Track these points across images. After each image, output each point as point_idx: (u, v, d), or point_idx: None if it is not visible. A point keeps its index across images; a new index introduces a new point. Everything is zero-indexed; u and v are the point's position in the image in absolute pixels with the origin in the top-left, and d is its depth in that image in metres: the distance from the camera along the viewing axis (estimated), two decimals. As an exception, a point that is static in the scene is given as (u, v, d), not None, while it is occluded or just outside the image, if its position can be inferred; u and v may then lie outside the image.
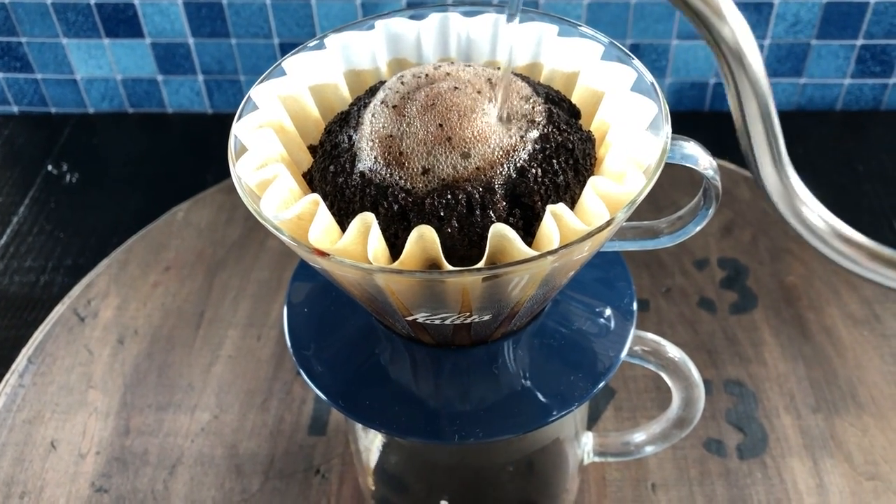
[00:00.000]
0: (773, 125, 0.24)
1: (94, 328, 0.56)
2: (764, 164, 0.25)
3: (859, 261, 0.26)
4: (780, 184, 0.25)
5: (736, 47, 0.23)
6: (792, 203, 0.25)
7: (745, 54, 0.23)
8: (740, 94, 0.24)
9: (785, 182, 0.25)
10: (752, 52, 0.23)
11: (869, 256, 0.25)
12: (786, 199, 0.25)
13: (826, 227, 0.26)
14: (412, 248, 0.25)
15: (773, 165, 0.25)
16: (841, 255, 0.26)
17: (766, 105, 0.24)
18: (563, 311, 0.35)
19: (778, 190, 0.25)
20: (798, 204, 0.25)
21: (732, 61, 0.23)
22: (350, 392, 0.33)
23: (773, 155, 0.25)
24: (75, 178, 0.70)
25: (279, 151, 0.29)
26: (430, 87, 0.28)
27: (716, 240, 0.60)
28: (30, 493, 0.47)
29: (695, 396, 0.38)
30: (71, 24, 0.70)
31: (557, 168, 0.27)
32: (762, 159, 0.25)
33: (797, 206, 0.25)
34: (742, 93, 0.24)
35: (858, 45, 0.68)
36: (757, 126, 0.24)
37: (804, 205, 0.25)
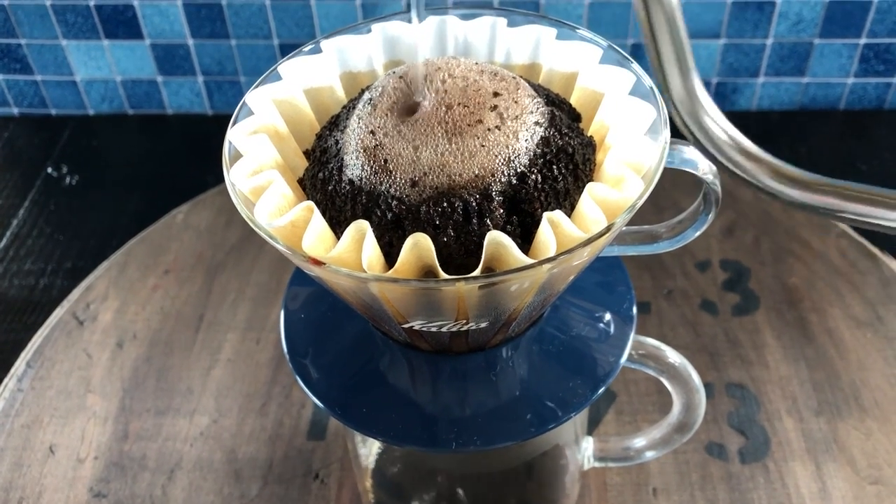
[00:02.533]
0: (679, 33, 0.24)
1: (93, 332, 0.56)
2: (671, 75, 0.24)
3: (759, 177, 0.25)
4: (685, 93, 0.24)
5: None
6: (696, 113, 0.25)
7: None
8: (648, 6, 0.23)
9: (690, 92, 0.24)
10: None
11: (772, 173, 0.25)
12: (690, 109, 0.25)
13: (728, 139, 0.25)
14: (407, 256, 0.24)
15: (680, 75, 0.24)
16: (743, 169, 0.25)
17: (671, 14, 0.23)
18: (561, 316, 0.34)
19: (683, 100, 0.25)
20: (702, 115, 0.25)
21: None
22: (347, 399, 0.33)
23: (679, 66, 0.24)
24: (75, 180, 0.69)
25: (273, 157, 0.28)
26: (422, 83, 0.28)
27: (718, 241, 0.59)
28: (28, 499, 0.47)
29: (695, 402, 0.38)
30: (70, 26, 0.70)
31: (557, 174, 0.27)
32: (669, 71, 0.24)
33: (701, 117, 0.25)
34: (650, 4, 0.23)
35: (861, 44, 0.68)
36: (664, 36, 0.24)
37: (708, 116, 0.25)
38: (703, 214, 0.32)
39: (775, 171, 0.25)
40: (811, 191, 0.24)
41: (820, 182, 0.24)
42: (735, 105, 0.72)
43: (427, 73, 0.28)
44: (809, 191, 0.24)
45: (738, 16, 0.66)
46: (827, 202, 0.24)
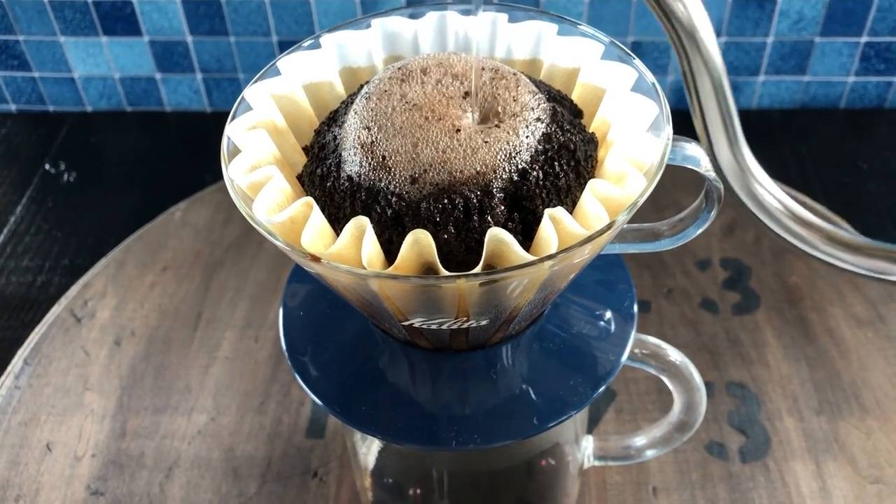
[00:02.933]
0: (728, 103, 0.23)
1: (90, 329, 0.56)
2: (719, 144, 0.24)
3: (814, 243, 0.25)
4: (736, 164, 0.24)
5: (689, 24, 0.22)
6: (747, 183, 0.25)
7: (697, 30, 0.22)
8: (694, 72, 0.23)
9: (740, 162, 0.24)
10: (705, 28, 0.22)
11: (824, 239, 0.25)
12: (741, 179, 0.25)
13: (781, 207, 0.25)
14: (407, 252, 0.24)
15: (728, 145, 0.24)
16: (796, 236, 0.25)
17: (719, 82, 0.23)
18: (562, 314, 0.34)
19: (733, 170, 0.24)
20: (753, 184, 0.25)
21: (685, 38, 0.22)
22: (346, 397, 0.33)
23: (727, 134, 0.24)
24: (73, 177, 0.69)
25: (272, 152, 0.28)
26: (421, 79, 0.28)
27: (718, 240, 0.59)
28: (25, 497, 0.47)
29: (696, 400, 0.38)
30: (68, 22, 0.69)
31: (559, 170, 0.26)
32: (717, 138, 0.24)
33: (752, 187, 0.25)
34: (695, 70, 0.23)
35: (863, 43, 0.68)
36: (711, 104, 0.23)
37: (759, 185, 0.25)
38: (704, 212, 0.32)
39: (829, 236, 0.25)
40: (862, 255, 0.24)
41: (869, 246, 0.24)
42: (735, 104, 0.72)
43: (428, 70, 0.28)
44: (860, 255, 0.24)
45: (738, 14, 0.66)
46: (877, 266, 0.24)
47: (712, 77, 0.23)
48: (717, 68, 0.23)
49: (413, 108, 0.27)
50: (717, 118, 0.24)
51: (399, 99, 0.28)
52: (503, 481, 0.41)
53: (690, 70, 0.23)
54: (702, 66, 0.23)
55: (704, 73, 0.23)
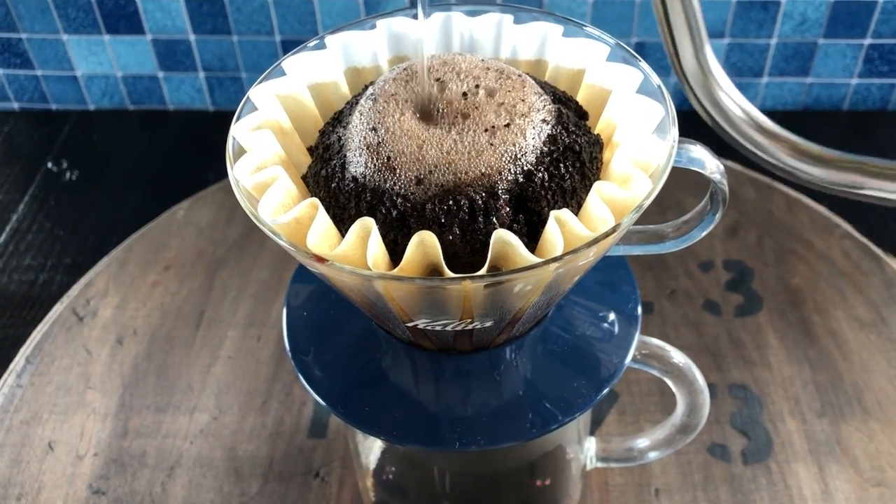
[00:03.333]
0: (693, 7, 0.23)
1: (92, 328, 0.56)
2: (683, 48, 0.23)
3: (779, 155, 0.24)
4: (699, 68, 0.24)
5: None
6: (710, 89, 0.24)
7: None
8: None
9: (704, 67, 0.24)
10: None
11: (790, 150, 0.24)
12: (704, 85, 0.24)
13: (744, 116, 0.24)
14: (412, 253, 0.24)
15: (693, 49, 0.24)
16: (759, 147, 0.25)
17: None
18: (566, 316, 0.34)
19: (696, 76, 0.24)
20: (717, 91, 0.24)
21: None
22: (349, 397, 0.33)
23: (692, 37, 0.23)
24: (75, 175, 0.69)
25: (277, 153, 0.28)
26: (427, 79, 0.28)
27: (721, 241, 0.59)
28: (27, 495, 0.47)
29: (700, 402, 0.38)
30: (71, 20, 0.69)
31: (564, 172, 0.26)
32: (681, 42, 0.23)
33: (716, 93, 0.24)
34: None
35: (866, 45, 0.68)
36: (675, 5, 0.23)
37: (723, 92, 0.24)
38: (709, 214, 0.32)
39: (795, 147, 0.24)
40: (832, 167, 0.23)
41: (840, 158, 0.23)
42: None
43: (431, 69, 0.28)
44: (830, 167, 0.23)
45: (742, 15, 0.66)
46: (848, 179, 0.24)
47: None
48: None
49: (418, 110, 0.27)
50: (682, 21, 0.23)
51: (404, 100, 0.28)
52: (506, 483, 0.41)
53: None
54: None
55: None
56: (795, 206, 0.62)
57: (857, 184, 0.23)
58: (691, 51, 0.23)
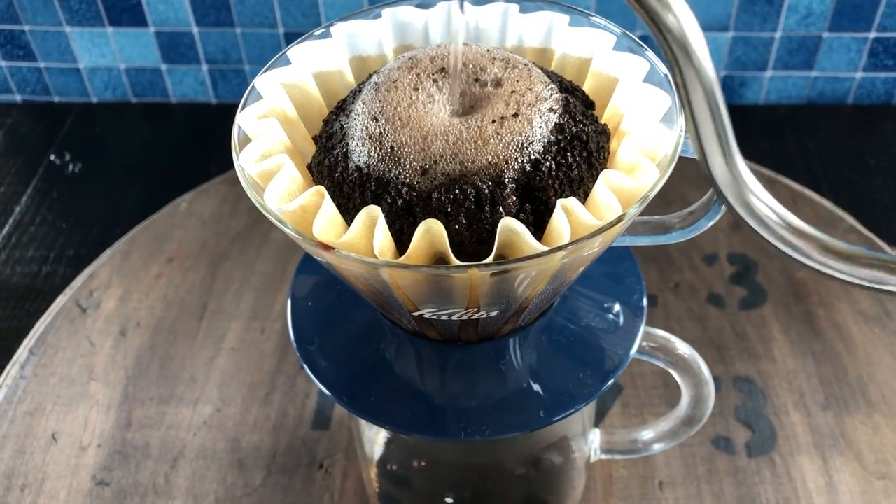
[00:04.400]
0: (721, 114, 0.23)
1: (95, 319, 0.56)
2: (713, 155, 0.24)
3: (810, 254, 0.25)
4: (730, 175, 0.24)
5: (681, 35, 0.22)
6: (742, 194, 0.25)
7: (689, 42, 0.22)
8: (686, 83, 0.23)
9: (734, 173, 0.24)
10: (697, 40, 0.22)
11: (820, 249, 0.25)
12: (735, 190, 0.25)
13: (776, 217, 0.25)
14: (419, 242, 0.24)
15: (723, 156, 0.24)
16: (791, 246, 0.25)
17: (711, 93, 0.23)
18: (571, 307, 0.34)
19: (727, 181, 0.24)
20: (748, 195, 0.25)
21: (677, 50, 0.22)
22: (354, 387, 0.33)
23: (721, 146, 0.24)
24: (78, 167, 0.69)
25: (282, 141, 0.28)
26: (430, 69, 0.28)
27: (725, 234, 0.59)
28: (30, 486, 0.47)
29: (704, 394, 0.38)
30: (74, 13, 0.69)
31: (572, 161, 0.26)
32: (710, 150, 0.24)
33: (747, 198, 0.25)
34: (688, 81, 0.23)
35: (871, 39, 0.67)
36: (704, 116, 0.23)
37: (754, 195, 0.25)
38: (715, 205, 0.31)
39: (823, 246, 0.24)
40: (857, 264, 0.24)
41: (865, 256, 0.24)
42: (742, 99, 0.72)
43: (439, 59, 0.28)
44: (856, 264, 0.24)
45: (746, 9, 0.66)
46: (873, 275, 0.24)
47: (705, 89, 0.23)
48: (709, 80, 0.23)
49: (422, 99, 0.27)
50: (711, 130, 0.24)
51: (408, 89, 0.27)
52: (510, 474, 0.41)
53: (683, 82, 0.23)
54: (694, 77, 0.23)
55: (697, 85, 0.23)
56: (800, 200, 0.61)
57: (882, 280, 0.24)
58: (722, 160, 0.24)
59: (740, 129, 0.25)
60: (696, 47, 0.22)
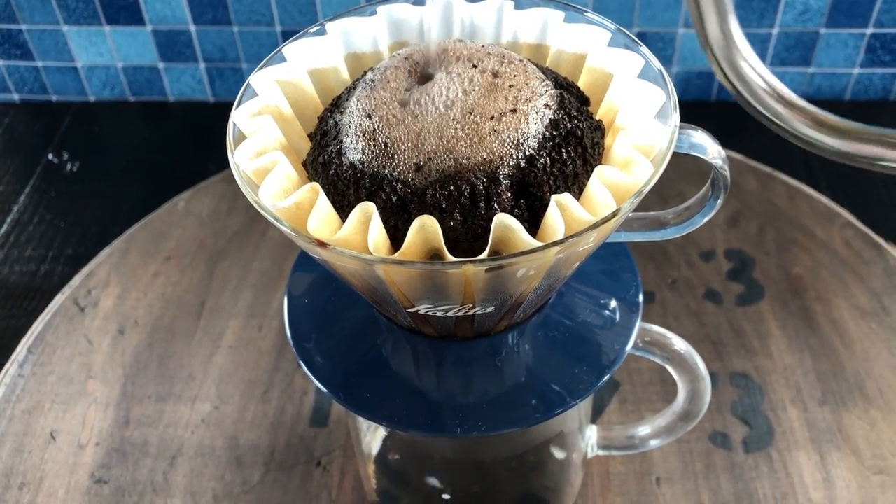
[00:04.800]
0: None
1: (94, 318, 0.56)
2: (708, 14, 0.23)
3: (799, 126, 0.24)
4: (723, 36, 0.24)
5: None
6: (732, 58, 0.24)
7: None
8: None
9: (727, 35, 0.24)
10: None
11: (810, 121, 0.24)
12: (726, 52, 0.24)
13: (765, 86, 0.24)
14: (414, 238, 0.24)
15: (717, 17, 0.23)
16: (779, 117, 0.24)
17: None
18: (567, 303, 0.34)
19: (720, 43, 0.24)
20: (738, 59, 0.24)
21: None
22: (351, 384, 0.33)
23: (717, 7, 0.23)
24: (76, 166, 0.69)
25: (277, 138, 0.28)
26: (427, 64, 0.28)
27: (722, 231, 0.59)
28: (29, 484, 0.47)
29: (701, 389, 0.38)
30: (71, 11, 0.69)
31: (567, 157, 0.26)
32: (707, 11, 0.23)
33: (737, 62, 0.24)
34: None
35: (868, 34, 0.67)
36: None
37: (745, 61, 0.24)
38: (711, 200, 0.32)
39: (815, 119, 0.23)
40: (852, 139, 0.23)
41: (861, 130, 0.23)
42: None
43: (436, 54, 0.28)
44: (850, 139, 0.23)
45: (743, 4, 0.66)
46: (869, 150, 0.23)
47: None
48: None
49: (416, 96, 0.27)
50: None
51: (402, 86, 0.27)
52: (507, 470, 0.42)
53: None
54: None
55: None
56: (797, 196, 0.62)
57: (878, 155, 0.23)
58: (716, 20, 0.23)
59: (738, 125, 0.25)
60: None
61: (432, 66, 0.28)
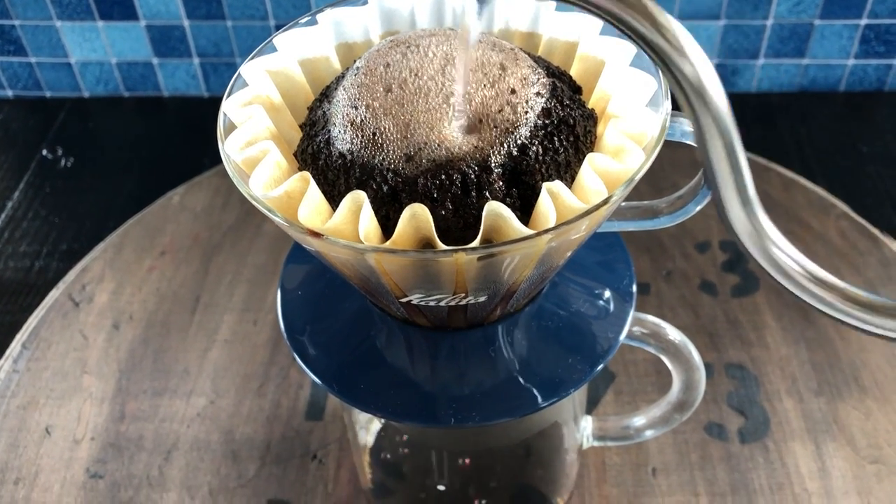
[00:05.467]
0: (739, 163, 0.23)
1: (88, 313, 0.55)
2: (731, 205, 0.23)
3: (834, 303, 0.25)
4: (750, 225, 0.24)
5: (698, 83, 0.22)
6: (763, 245, 0.24)
7: (706, 90, 0.22)
8: (704, 132, 0.22)
9: (754, 223, 0.24)
10: (714, 88, 0.22)
11: (843, 299, 0.25)
12: (756, 240, 0.24)
13: (799, 269, 0.25)
14: (405, 227, 0.24)
15: (741, 206, 0.24)
16: (815, 297, 0.25)
17: (730, 142, 0.23)
18: (561, 293, 0.34)
19: (747, 231, 0.24)
20: (769, 245, 0.24)
21: (694, 99, 0.22)
22: (345, 376, 0.33)
23: (740, 195, 0.23)
24: (70, 162, 0.69)
25: (268, 128, 0.28)
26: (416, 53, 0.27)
27: (717, 222, 0.59)
28: (24, 479, 0.47)
29: (695, 379, 0.38)
30: (65, 7, 0.69)
31: (559, 146, 0.26)
32: (729, 200, 0.23)
33: (768, 248, 0.24)
34: (706, 130, 0.22)
35: (862, 25, 0.67)
36: (723, 165, 0.23)
37: (775, 246, 0.24)
38: (703, 189, 0.31)
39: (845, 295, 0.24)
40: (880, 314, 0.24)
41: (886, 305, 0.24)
42: (735, 87, 0.72)
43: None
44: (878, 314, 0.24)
45: (738, -4, 0.66)
46: None
47: (723, 137, 0.23)
48: (727, 127, 0.22)
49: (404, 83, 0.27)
50: (730, 179, 0.23)
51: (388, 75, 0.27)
52: (502, 461, 0.41)
53: (699, 129, 0.22)
54: (712, 125, 0.22)
55: (715, 133, 0.22)
56: (792, 187, 0.62)
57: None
58: (741, 210, 0.24)
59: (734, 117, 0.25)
60: (714, 94, 0.22)
61: None
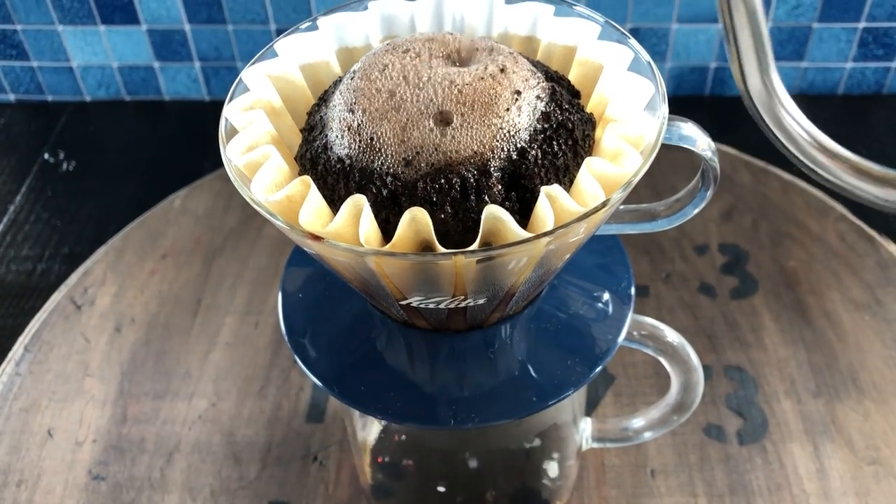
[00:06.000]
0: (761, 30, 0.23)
1: (90, 316, 0.56)
2: (749, 69, 0.24)
3: (840, 174, 0.25)
4: (765, 89, 0.24)
5: None
6: (774, 109, 0.25)
7: None
8: None
9: (769, 87, 0.24)
10: None
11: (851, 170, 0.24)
12: (768, 105, 0.24)
13: (807, 136, 0.25)
14: (404, 230, 0.24)
15: (759, 70, 0.24)
16: (821, 166, 0.25)
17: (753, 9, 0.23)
18: (560, 295, 0.34)
19: (761, 96, 0.24)
20: (780, 111, 0.24)
21: None
22: (346, 378, 0.33)
23: (759, 59, 0.24)
24: (72, 166, 0.69)
25: (269, 132, 0.28)
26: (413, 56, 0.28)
27: (716, 225, 0.59)
28: (27, 482, 0.47)
29: (693, 381, 0.38)
30: (66, 11, 0.69)
31: (558, 150, 0.26)
32: (748, 65, 0.24)
33: (779, 113, 0.25)
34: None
35: (861, 29, 0.68)
36: (744, 30, 0.23)
37: (786, 112, 0.24)
38: (701, 191, 0.32)
39: (855, 167, 0.24)
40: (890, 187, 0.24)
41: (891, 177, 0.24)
42: (734, 90, 0.72)
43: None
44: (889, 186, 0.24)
45: (736, -1, 0.66)
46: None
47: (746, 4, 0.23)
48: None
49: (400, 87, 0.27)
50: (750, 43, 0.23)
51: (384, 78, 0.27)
52: (502, 463, 0.42)
53: None
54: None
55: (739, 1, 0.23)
56: (790, 190, 0.62)
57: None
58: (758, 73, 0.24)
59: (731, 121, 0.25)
60: None
61: None
